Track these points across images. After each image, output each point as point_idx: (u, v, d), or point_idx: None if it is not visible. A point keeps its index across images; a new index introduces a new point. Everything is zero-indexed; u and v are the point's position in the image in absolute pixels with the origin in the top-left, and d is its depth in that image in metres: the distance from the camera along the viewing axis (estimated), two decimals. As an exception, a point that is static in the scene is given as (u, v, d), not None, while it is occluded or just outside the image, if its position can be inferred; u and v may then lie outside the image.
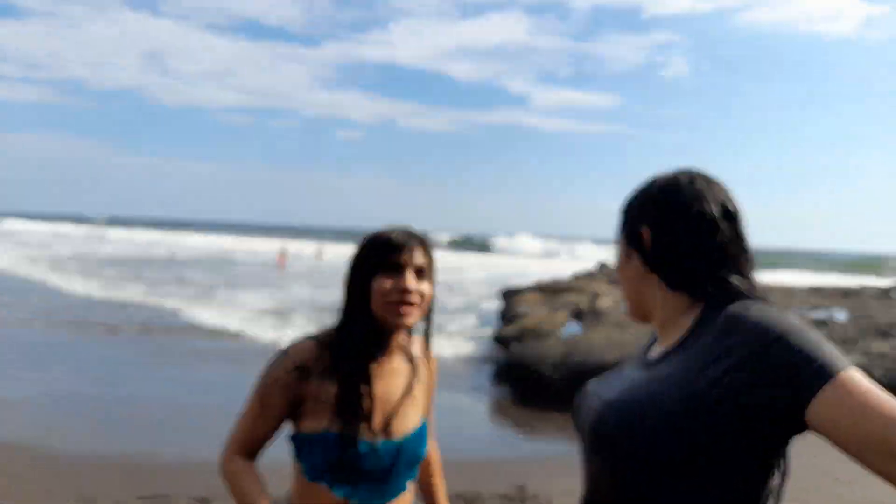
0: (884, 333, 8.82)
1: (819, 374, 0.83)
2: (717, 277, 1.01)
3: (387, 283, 1.34)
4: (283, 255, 29.61)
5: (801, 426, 0.85)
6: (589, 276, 17.25)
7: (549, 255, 43.83)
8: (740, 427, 0.88)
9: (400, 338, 1.45)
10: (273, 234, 60.65)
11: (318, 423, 1.34)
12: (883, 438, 0.77)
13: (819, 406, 0.81)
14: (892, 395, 0.81)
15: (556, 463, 4.96)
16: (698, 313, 1.02)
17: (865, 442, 0.79)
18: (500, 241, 53.53)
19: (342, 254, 40.56)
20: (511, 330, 9.63)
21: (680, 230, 1.05)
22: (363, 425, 1.33)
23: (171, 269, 23.11)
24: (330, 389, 1.35)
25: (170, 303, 13.31)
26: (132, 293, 14.67)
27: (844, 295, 14.98)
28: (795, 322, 0.89)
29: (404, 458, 1.39)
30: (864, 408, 0.80)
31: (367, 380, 1.37)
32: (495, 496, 4.23)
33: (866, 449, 0.79)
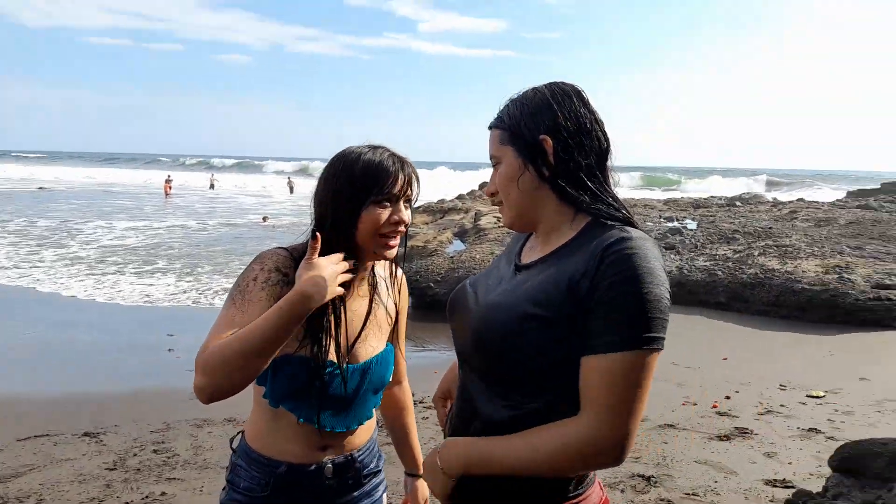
0: (728, 239, 9.94)
1: (625, 342, 0.95)
2: (603, 196, 1.09)
3: (381, 215, 1.28)
4: (168, 183, 29.27)
5: (583, 353, 0.98)
6: (471, 196, 17.76)
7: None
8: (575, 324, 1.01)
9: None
10: (157, 165, 56.58)
11: (286, 346, 1.22)
12: (586, 399, 0.97)
13: (590, 361, 0.97)
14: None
15: (441, 370, 5.32)
16: (581, 227, 1.09)
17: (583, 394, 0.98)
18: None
19: (236, 184, 38.79)
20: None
21: (578, 137, 1.08)
22: (330, 349, 1.28)
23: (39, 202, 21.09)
24: None
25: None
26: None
27: (695, 206, 16.49)
28: (654, 275, 0.97)
29: (370, 383, 1.36)
30: (611, 387, 0.96)
31: (338, 304, 1.30)
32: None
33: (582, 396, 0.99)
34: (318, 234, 1.24)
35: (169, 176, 31.69)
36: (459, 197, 17.65)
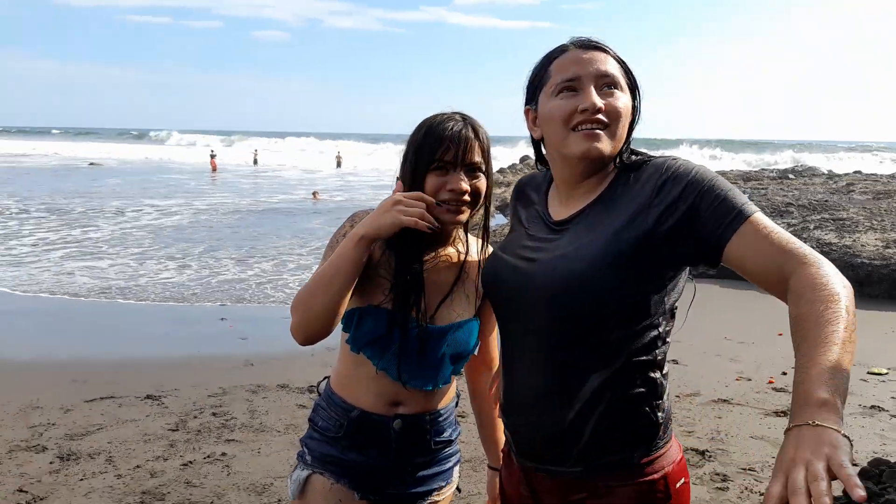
0: (781, 213, 9.62)
1: (738, 216, 1.00)
2: (628, 146, 1.16)
3: (437, 183, 1.30)
4: (213, 158, 29.34)
5: (719, 252, 1.01)
6: (512, 170, 17.58)
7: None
8: (675, 255, 1.06)
9: (459, 232, 1.43)
10: (202, 139, 57.66)
11: (372, 296, 1.34)
12: (778, 267, 0.96)
13: (736, 241, 0.99)
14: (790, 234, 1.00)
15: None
16: (610, 179, 1.14)
17: (765, 271, 0.98)
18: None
19: (277, 159, 38.96)
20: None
21: (637, 97, 1.17)
22: (413, 307, 1.32)
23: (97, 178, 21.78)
24: (390, 263, 1.34)
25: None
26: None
27: (745, 179, 16.00)
28: (713, 171, 1.07)
29: (449, 346, 1.37)
30: (767, 243, 0.97)
31: (421, 264, 1.35)
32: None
33: (766, 276, 0.98)
34: (399, 180, 1.31)
35: (213, 151, 31.89)
36: (500, 171, 17.49)
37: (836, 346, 0.83)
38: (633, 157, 1.15)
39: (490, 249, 1.45)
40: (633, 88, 1.16)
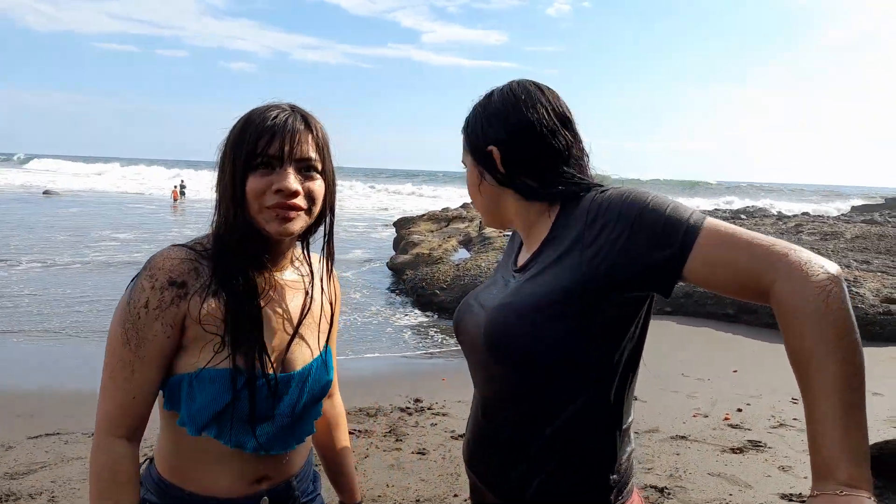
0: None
1: (689, 231, 0.90)
2: (563, 177, 1.06)
3: (260, 185, 1.04)
4: (176, 190, 28.10)
5: (676, 278, 0.92)
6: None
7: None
8: (623, 292, 0.96)
9: (295, 250, 1.20)
10: (164, 165, 56.63)
11: (199, 357, 1.04)
12: (755, 277, 0.86)
13: (694, 259, 0.89)
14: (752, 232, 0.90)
15: (448, 376, 5.30)
16: (557, 212, 1.07)
17: (738, 283, 0.87)
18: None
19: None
20: (406, 258, 9.85)
21: (526, 144, 1.06)
22: (257, 357, 1.05)
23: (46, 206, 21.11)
24: (215, 312, 1.04)
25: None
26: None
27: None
28: (650, 191, 0.97)
29: (310, 392, 1.15)
30: (731, 252, 0.88)
31: (258, 299, 1.07)
32: (395, 409, 4.51)
33: (741, 288, 0.88)
34: None
35: (178, 183, 29.56)
36: (464, 205, 17.66)
37: (847, 392, 0.78)
38: (572, 184, 1.06)
39: (335, 272, 1.27)
40: (484, 154, 1.11)
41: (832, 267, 0.83)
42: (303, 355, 1.15)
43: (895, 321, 6.57)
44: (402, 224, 13.44)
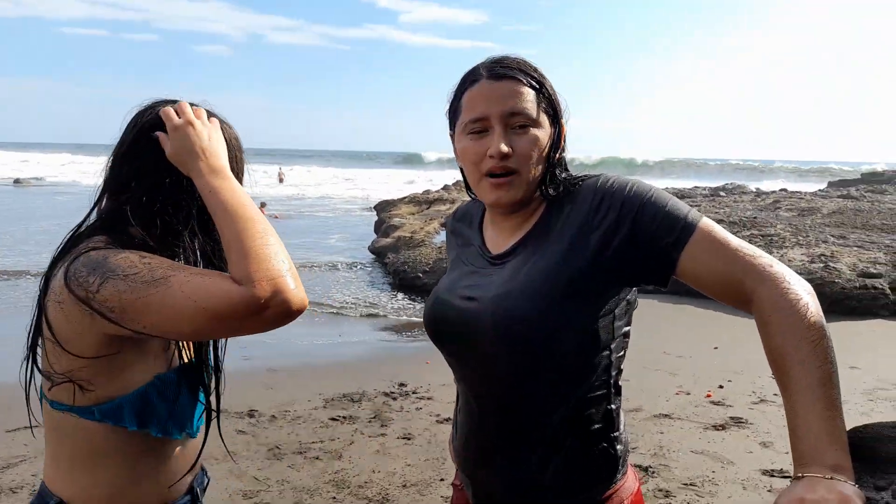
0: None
1: (685, 230, 0.95)
2: (555, 177, 1.09)
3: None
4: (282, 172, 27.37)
5: (671, 270, 0.97)
6: (457, 187, 17.71)
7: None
8: (623, 276, 1.01)
9: None
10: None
11: (154, 366, 1.03)
12: (737, 283, 0.92)
13: (686, 257, 0.95)
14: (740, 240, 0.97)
15: (432, 360, 5.30)
16: (543, 207, 1.09)
17: (722, 285, 0.94)
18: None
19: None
20: (387, 241, 9.80)
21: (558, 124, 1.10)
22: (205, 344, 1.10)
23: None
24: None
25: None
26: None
27: (679, 196, 16.62)
28: (649, 184, 1.03)
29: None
30: (719, 256, 0.93)
31: None
32: (379, 394, 4.50)
33: (724, 291, 0.94)
34: None
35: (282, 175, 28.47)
36: (445, 187, 17.60)
37: (828, 387, 0.82)
38: (566, 179, 1.09)
39: None
40: (554, 114, 1.08)
41: (806, 282, 0.92)
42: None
43: (871, 295, 6.69)
44: (383, 207, 13.37)
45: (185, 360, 1.07)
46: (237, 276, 0.90)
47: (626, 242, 0.98)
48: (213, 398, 1.14)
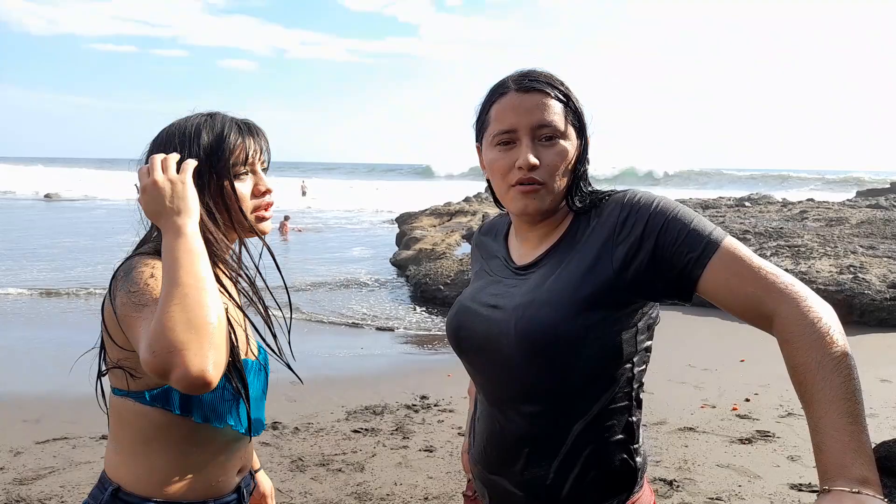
0: (739, 240, 9.88)
1: (708, 248, 0.96)
2: (580, 189, 1.12)
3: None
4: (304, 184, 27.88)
5: (693, 286, 0.98)
6: (478, 199, 17.73)
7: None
8: (645, 291, 1.02)
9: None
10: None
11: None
12: (758, 302, 0.93)
13: (708, 275, 0.96)
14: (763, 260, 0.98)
15: (454, 372, 5.30)
16: (570, 220, 1.12)
17: (743, 305, 0.94)
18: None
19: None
20: (408, 254, 9.84)
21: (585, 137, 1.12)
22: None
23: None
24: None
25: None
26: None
27: (704, 206, 16.44)
28: (675, 201, 1.04)
29: (267, 376, 1.24)
30: (741, 276, 0.94)
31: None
32: (401, 406, 4.50)
33: (745, 310, 0.95)
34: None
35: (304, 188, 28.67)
36: (466, 199, 17.65)
37: (852, 402, 0.82)
38: (593, 192, 1.12)
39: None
40: (581, 127, 1.10)
41: (826, 303, 0.93)
42: (252, 341, 1.20)
43: (902, 307, 6.53)
44: (405, 219, 13.43)
45: (245, 355, 1.13)
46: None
47: (649, 258, 1.00)
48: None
